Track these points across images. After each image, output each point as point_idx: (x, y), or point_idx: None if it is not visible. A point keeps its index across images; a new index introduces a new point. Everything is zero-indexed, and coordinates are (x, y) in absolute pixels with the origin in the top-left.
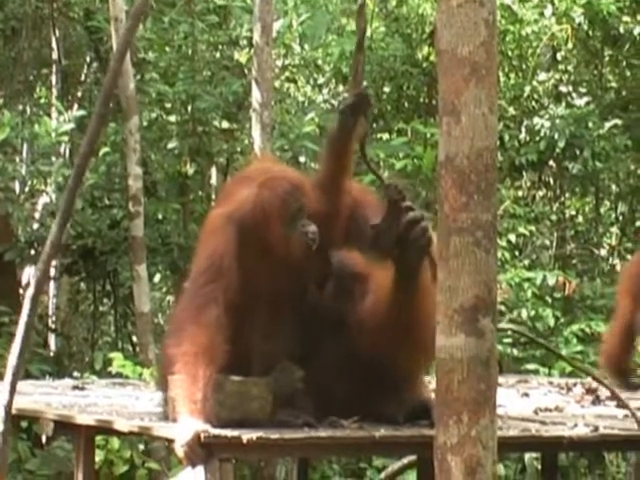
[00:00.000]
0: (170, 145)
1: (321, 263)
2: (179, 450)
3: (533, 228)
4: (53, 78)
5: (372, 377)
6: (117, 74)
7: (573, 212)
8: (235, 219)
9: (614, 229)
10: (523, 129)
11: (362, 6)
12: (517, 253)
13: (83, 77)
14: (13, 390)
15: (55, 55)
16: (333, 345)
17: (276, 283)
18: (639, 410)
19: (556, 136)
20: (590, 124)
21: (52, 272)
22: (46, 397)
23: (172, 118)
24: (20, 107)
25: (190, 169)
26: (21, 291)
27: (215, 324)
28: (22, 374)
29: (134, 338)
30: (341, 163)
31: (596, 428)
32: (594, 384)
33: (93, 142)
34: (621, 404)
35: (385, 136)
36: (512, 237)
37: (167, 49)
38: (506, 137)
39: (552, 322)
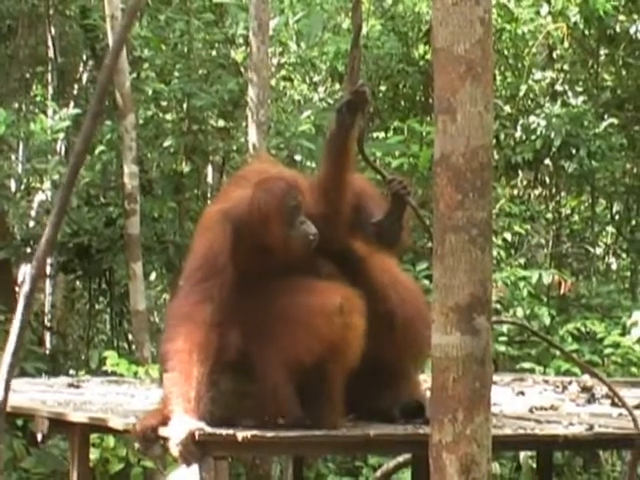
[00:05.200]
0: (166, 143)
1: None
2: (174, 449)
3: (529, 227)
4: (49, 76)
5: (368, 371)
6: (111, 72)
7: (569, 211)
8: (231, 217)
9: (610, 228)
10: (519, 128)
11: (358, 3)
12: (513, 252)
13: (79, 75)
14: (7, 388)
15: (51, 53)
16: None
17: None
18: (636, 408)
19: (552, 135)
20: (586, 123)
21: (48, 270)
22: (41, 395)
23: (168, 116)
24: (16, 105)
25: (186, 167)
26: (17, 289)
27: (210, 321)
28: (17, 372)
29: (130, 336)
30: (341, 161)
31: (591, 426)
32: (589, 382)
33: (88, 140)
34: (618, 401)
35: (381, 135)
36: (508, 235)
37: (163, 47)
38: (502, 136)
39: (548, 321)
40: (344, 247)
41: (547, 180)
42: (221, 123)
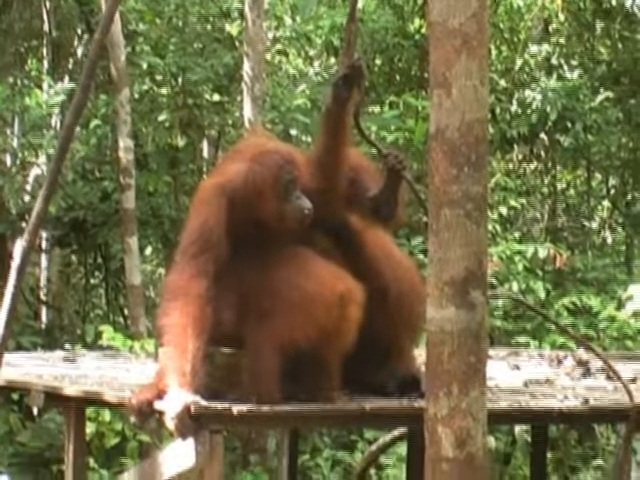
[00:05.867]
0: (161, 117)
1: (318, 237)
2: (169, 422)
3: (524, 201)
4: (44, 50)
5: (363, 346)
6: (101, 45)
7: (564, 185)
8: (227, 191)
9: (605, 202)
10: (514, 102)
11: None
12: (508, 226)
13: (74, 49)
14: (0, 361)
15: (46, 27)
16: None
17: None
18: (631, 382)
19: (548, 109)
20: (581, 97)
21: (43, 244)
22: (37, 369)
23: (163, 90)
24: (11, 79)
25: (181, 141)
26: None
27: (205, 295)
28: (13, 346)
29: (125, 311)
30: (337, 136)
31: (586, 400)
32: (585, 356)
33: (78, 114)
34: (613, 375)
35: (377, 109)
36: (503, 210)
37: (158, 21)
38: (497, 110)
39: (543, 295)
40: (339, 221)
41: (543, 154)
42: (216, 97)
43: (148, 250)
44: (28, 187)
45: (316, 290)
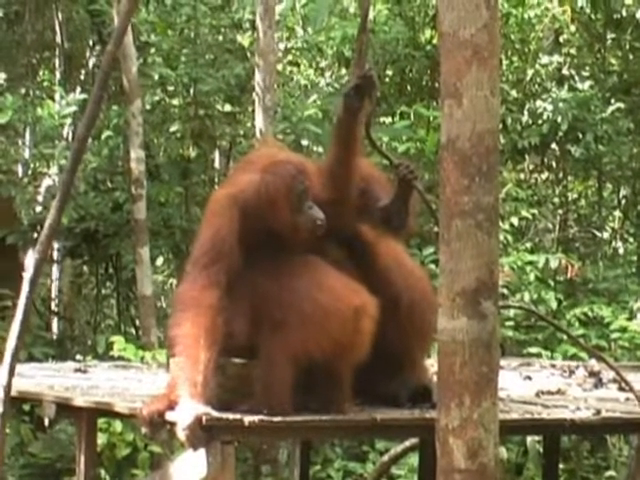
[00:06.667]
0: (172, 128)
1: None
2: (180, 433)
3: (535, 211)
4: (56, 61)
5: (375, 356)
6: (113, 57)
7: (575, 195)
8: (239, 201)
9: (617, 212)
10: (526, 112)
11: None
12: (519, 236)
13: (85, 60)
14: (12, 372)
15: (58, 38)
16: None
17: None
18: None
19: (559, 119)
20: (593, 107)
21: (55, 255)
22: (48, 380)
23: (175, 101)
24: (23, 90)
25: (193, 152)
26: (24, 274)
27: (217, 306)
28: (25, 357)
29: (136, 321)
30: (349, 146)
31: (598, 411)
32: (596, 367)
33: (91, 125)
34: (625, 386)
35: (388, 120)
36: (514, 220)
37: (170, 32)
38: (508, 120)
39: (554, 305)
40: (351, 232)
41: (554, 164)
42: (228, 108)
43: (159, 260)
44: (40, 198)
45: (331, 303)
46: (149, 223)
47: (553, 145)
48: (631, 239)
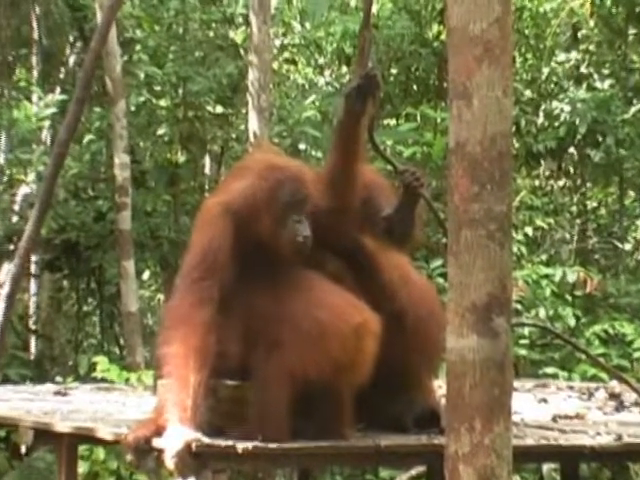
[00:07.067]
0: (160, 131)
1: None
2: (169, 461)
3: (552, 221)
4: (33, 59)
5: (378, 377)
6: (98, 55)
7: (595, 203)
8: (231, 210)
9: (639, 222)
10: (541, 114)
11: None
12: (534, 248)
13: (66, 58)
14: None
15: (35, 34)
16: None
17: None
18: None
19: (577, 121)
20: (613, 108)
21: (33, 268)
22: (26, 404)
23: (162, 102)
24: None
25: (181, 157)
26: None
27: (208, 324)
28: (0, 379)
29: (121, 340)
30: (350, 151)
31: (620, 437)
32: (618, 389)
33: (73, 128)
34: None
35: (392, 122)
36: (529, 230)
37: (156, 28)
38: (522, 122)
39: (572, 322)
40: (352, 243)
41: (571, 170)
42: (219, 109)
43: (146, 274)
44: (16, 207)
45: (330, 320)
46: (134, 234)
47: (571, 149)
48: None
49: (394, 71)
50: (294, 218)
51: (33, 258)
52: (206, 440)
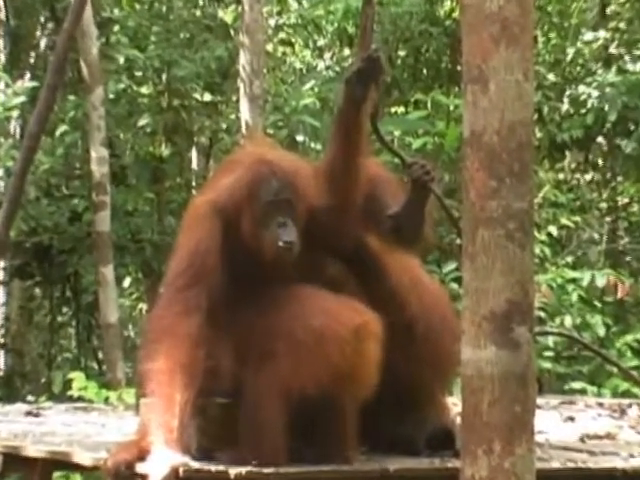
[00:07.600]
0: (141, 122)
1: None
2: None
3: (578, 219)
4: (0, 42)
5: (386, 393)
6: (72, 36)
7: (626, 199)
8: (221, 209)
9: None
10: (566, 100)
11: None
12: (559, 249)
13: (36, 41)
14: None
15: (2, 14)
16: None
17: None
18: None
19: (606, 108)
20: None
21: (1, 275)
22: None
23: (144, 89)
24: None
25: (166, 151)
26: None
27: (196, 335)
28: None
29: (99, 354)
30: (351, 142)
31: None
32: None
33: (44, 119)
34: None
35: (400, 109)
36: (553, 230)
37: (137, 6)
38: (545, 109)
39: (602, 331)
40: (355, 244)
41: (600, 162)
42: (207, 97)
43: (126, 281)
44: None
45: (326, 324)
46: (114, 236)
47: (599, 139)
48: None
49: (402, 53)
50: (278, 220)
51: (1, 264)
52: (195, 465)
